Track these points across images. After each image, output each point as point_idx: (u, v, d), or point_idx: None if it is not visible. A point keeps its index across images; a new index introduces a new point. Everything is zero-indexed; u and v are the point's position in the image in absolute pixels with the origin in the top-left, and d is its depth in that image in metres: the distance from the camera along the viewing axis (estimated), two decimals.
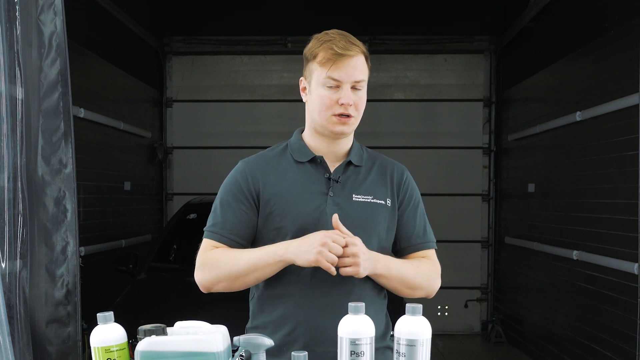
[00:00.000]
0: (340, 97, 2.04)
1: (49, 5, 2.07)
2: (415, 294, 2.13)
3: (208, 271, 2.08)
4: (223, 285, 2.08)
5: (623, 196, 4.57)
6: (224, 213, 2.11)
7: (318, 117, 2.08)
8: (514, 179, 7.51)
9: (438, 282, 2.17)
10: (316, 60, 2.06)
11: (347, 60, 2.03)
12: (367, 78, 2.11)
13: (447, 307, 8.01)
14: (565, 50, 5.84)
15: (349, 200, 2.09)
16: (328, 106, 2.05)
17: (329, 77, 2.04)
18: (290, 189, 2.09)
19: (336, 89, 2.05)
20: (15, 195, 2.01)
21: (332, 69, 2.03)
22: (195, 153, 8.18)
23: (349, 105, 2.04)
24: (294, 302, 2.06)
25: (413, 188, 2.21)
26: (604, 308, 4.90)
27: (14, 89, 2.03)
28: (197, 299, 3.98)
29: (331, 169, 2.13)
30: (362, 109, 2.09)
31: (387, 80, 8.08)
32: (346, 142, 2.16)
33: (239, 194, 2.11)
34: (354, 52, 2.05)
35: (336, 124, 2.06)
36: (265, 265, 2.01)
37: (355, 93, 2.06)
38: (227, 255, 2.07)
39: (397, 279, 2.08)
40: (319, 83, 2.06)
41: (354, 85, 2.05)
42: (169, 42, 8.07)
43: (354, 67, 2.04)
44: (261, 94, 8.15)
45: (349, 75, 2.04)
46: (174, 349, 1.62)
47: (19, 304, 2.00)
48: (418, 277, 2.11)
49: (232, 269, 2.04)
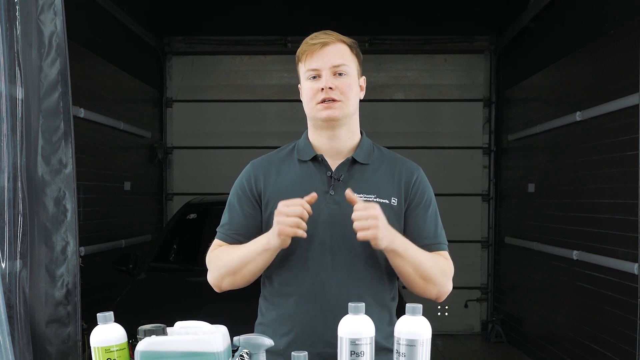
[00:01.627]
0: (320, 84, 2.06)
1: (49, 5, 2.07)
2: (428, 288, 2.07)
3: (213, 270, 2.14)
4: (228, 282, 2.11)
5: (623, 196, 4.57)
6: (231, 214, 2.17)
7: (307, 110, 2.12)
8: (514, 179, 7.51)
9: (450, 283, 2.14)
10: (299, 59, 2.13)
11: (321, 48, 2.07)
12: (355, 66, 2.11)
13: (447, 307, 8.01)
14: (565, 50, 5.84)
15: None
16: (312, 96, 2.08)
17: (308, 69, 2.09)
18: (291, 189, 2.09)
19: (318, 78, 2.08)
20: (15, 195, 2.01)
21: (308, 60, 2.08)
22: (195, 153, 8.17)
23: (329, 89, 2.05)
24: (293, 302, 2.07)
25: (424, 188, 2.16)
26: (604, 308, 4.89)
27: (14, 89, 2.03)
28: (197, 299, 3.98)
29: (334, 166, 2.13)
30: (349, 93, 2.08)
31: (387, 80, 8.08)
32: (348, 136, 2.14)
33: (243, 196, 2.15)
34: (327, 39, 2.08)
35: (322, 110, 2.07)
36: (255, 255, 2.03)
37: (338, 78, 2.07)
38: (226, 252, 2.11)
39: (413, 263, 2.02)
40: (304, 78, 2.12)
41: (335, 71, 2.07)
42: (169, 42, 8.07)
43: (329, 54, 2.07)
44: (261, 94, 8.15)
45: (324, 62, 2.06)
46: (174, 349, 1.62)
47: (19, 304, 2.00)
48: (434, 269, 2.06)
49: (230, 263, 2.08)
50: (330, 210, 2.07)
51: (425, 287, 2.07)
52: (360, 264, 2.07)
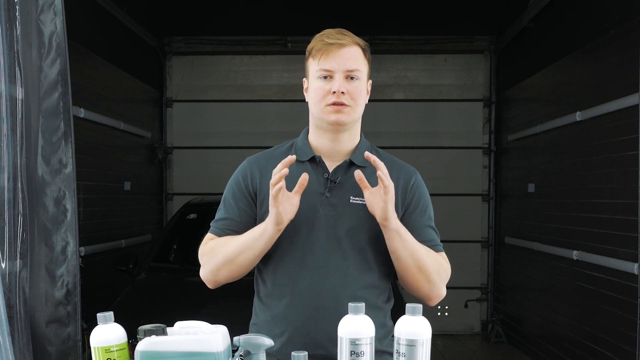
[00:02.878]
0: (333, 87, 2.03)
1: (49, 5, 2.07)
2: (421, 283, 2.05)
3: (207, 263, 2.11)
4: (224, 273, 2.09)
5: (623, 196, 4.57)
6: (226, 209, 2.15)
7: (314, 109, 2.09)
8: (514, 179, 7.51)
9: (444, 286, 2.11)
10: (311, 55, 2.09)
11: (338, 50, 2.03)
12: (366, 70, 2.09)
13: (447, 307, 8.01)
14: (565, 50, 5.84)
15: (345, 202, 2.07)
16: (322, 97, 2.05)
17: (321, 69, 2.05)
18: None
19: (329, 79, 2.04)
20: (15, 195, 2.01)
21: (323, 59, 2.04)
22: (195, 153, 8.17)
23: (341, 94, 2.02)
24: (286, 303, 2.07)
25: (421, 193, 2.15)
26: (604, 308, 4.89)
27: (14, 89, 2.03)
28: (197, 299, 3.98)
29: (332, 167, 2.12)
30: (359, 99, 2.06)
31: (387, 80, 8.08)
32: (349, 139, 2.13)
33: (238, 192, 2.14)
34: (344, 41, 2.04)
35: (331, 113, 2.04)
36: (252, 241, 2.02)
37: (350, 83, 2.04)
38: (221, 242, 2.09)
39: (411, 250, 2.00)
40: (314, 76, 2.07)
41: (348, 74, 2.04)
42: (169, 42, 8.07)
43: (344, 57, 2.04)
44: (261, 94, 8.15)
45: (339, 64, 2.03)
46: (174, 349, 1.62)
47: (19, 304, 2.00)
48: (429, 261, 2.04)
49: (227, 252, 2.06)
50: (325, 212, 2.06)
51: (419, 281, 2.05)
52: (353, 266, 2.06)
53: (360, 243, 2.06)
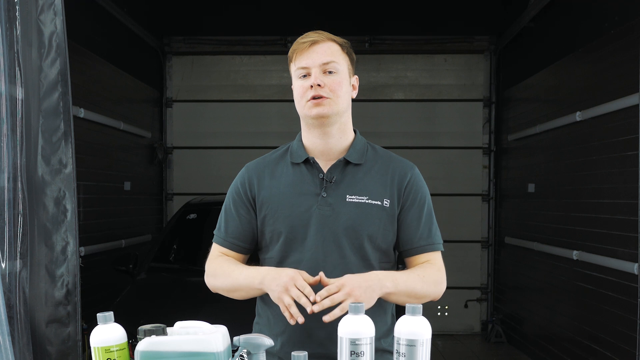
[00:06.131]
0: (310, 82, 2.07)
1: (49, 5, 2.07)
2: (423, 301, 2.08)
3: (211, 280, 2.18)
4: (224, 294, 2.17)
5: (623, 196, 4.57)
6: (227, 218, 2.19)
7: (298, 108, 2.13)
8: (514, 179, 7.51)
9: (443, 286, 2.14)
10: (290, 59, 2.14)
11: (311, 47, 2.07)
12: (346, 64, 2.11)
13: (447, 307, 8.01)
14: (565, 50, 5.84)
15: (342, 200, 2.08)
16: (302, 94, 2.09)
17: (298, 68, 2.10)
18: (283, 192, 2.11)
19: (308, 77, 2.08)
20: (15, 195, 2.01)
21: (298, 59, 2.09)
22: (195, 153, 8.17)
23: (317, 86, 2.05)
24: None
25: (418, 188, 2.15)
26: (604, 308, 4.89)
27: (14, 89, 2.03)
28: (197, 299, 3.98)
29: (327, 167, 2.13)
30: (338, 90, 2.08)
31: (387, 80, 8.08)
32: (339, 134, 2.13)
33: (238, 200, 2.17)
34: (317, 38, 2.08)
35: (312, 107, 2.07)
36: (247, 288, 2.08)
37: (328, 76, 2.07)
38: (223, 268, 2.14)
39: (405, 293, 2.03)
40: (295, 77, 2.13)
41: (324, 69, 2.07)
42: (168, 42, 8.07)
43: (318, 52, 2.07)
44: (261, 94, 8.15)
45: (314, 60, 2.07)
46: (174, 349, 1.62)
47: (19, 304, 2.00)
48: (425, 287, 2.07)
49: (224, 283, 2.13)
50: (322, 212, 2.08)
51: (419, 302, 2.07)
52: (352, 265, 2.07)
53: (359, 241, 2.07)
